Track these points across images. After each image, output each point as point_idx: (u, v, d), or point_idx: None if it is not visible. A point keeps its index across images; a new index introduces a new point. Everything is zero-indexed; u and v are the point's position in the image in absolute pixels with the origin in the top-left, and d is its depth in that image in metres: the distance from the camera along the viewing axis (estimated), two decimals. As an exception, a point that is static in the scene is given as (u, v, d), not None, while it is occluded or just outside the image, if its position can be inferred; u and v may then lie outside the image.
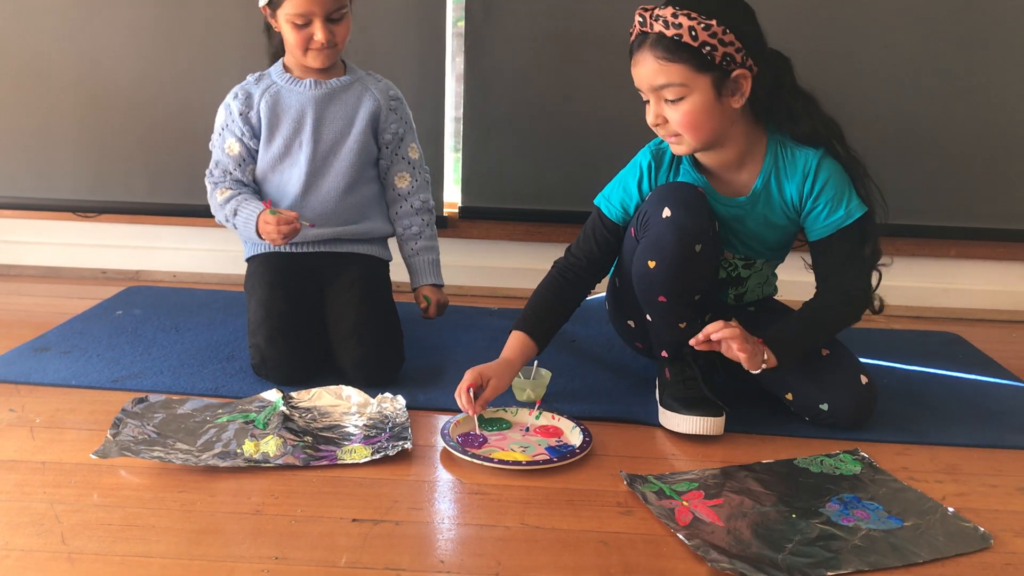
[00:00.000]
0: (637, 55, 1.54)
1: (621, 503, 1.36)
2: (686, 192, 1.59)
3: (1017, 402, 1.83)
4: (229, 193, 1.87)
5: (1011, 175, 2.39)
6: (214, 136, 1.93)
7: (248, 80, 1.92)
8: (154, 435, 1.48)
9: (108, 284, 2.48)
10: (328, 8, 1.78)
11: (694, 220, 1.55)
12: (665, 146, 1.65)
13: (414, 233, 1.97)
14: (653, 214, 1.58)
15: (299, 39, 1.80)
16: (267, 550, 1.19)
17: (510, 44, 2.36)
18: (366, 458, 1.45)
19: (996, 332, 2.38)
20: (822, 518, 1.31)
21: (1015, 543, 1.29)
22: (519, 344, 1.65)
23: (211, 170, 1.92)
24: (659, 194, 1.61)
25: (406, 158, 1.97)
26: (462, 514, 1.32)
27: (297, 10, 1.77)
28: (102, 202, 2.51)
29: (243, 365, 1.83)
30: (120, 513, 1.27)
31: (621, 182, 1.71)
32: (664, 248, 1.56)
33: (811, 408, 1.60)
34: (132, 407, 1.56)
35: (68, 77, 2.43)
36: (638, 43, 1.53)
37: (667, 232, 1.55)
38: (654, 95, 1.55)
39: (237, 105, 1.88)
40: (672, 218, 1.55)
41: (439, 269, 1.99)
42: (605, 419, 1.65)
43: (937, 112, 2.35)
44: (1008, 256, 2.47)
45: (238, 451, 1.44)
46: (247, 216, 1.81)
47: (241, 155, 1.90)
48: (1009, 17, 2.29)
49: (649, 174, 1.67)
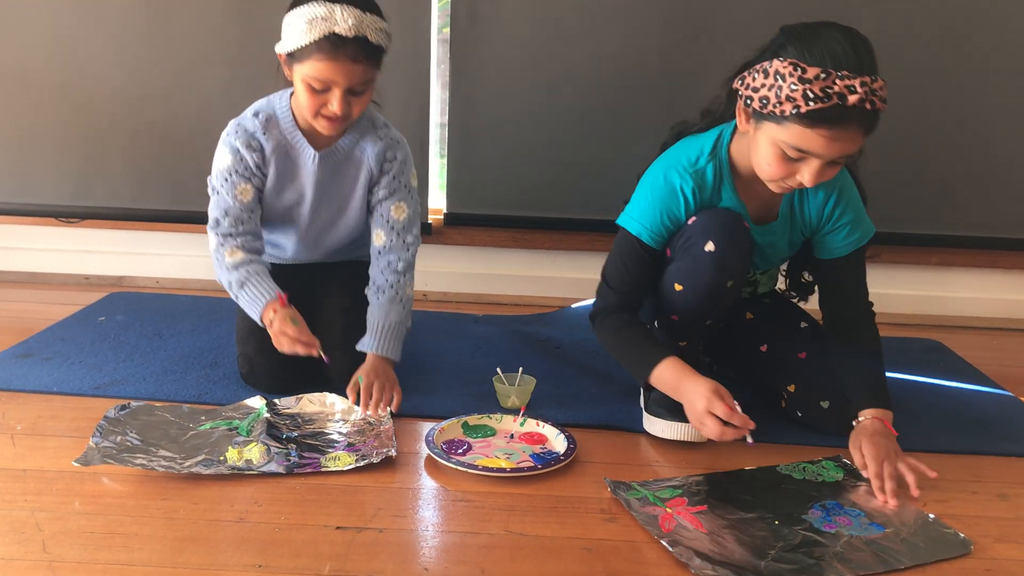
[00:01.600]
0: (842, 130, 1.34)
1: (605, 510, 1.36)
2: (733, 227, 1.53)
3: (998, 409, 1.85)
4: (241, 257, 1.69)
5: (992, 184, 2.42)
6: (215, 182, 1.71)
7: (252, 121, 1.70)
8: (137, 442, 1.47)
9: (91, 290, 2.47)
10: (354, 81, 1.57)
11: (737, 259, 1.54)
12: (703, 166, 1.56)
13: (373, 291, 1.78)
14: (695, 242, 1.53)
15: (312, 104, 1.60)
16: (250, 558, 1.19)
17: (495, 51, 2.37)
18: (350, 465, 1.45)
19: (977, 339, 2.40)
20: (805, 525, 1.32)
21: (995, 549, 1.30)
22: (674, 362, 1.54)
23: (217, 220, 1.70)
24: (705, 223, 1.54)
25: (386, 216, 1.76)
26: (446, 521, 1.32)
27: (319, 75, 1.56)
28: (85, 207, 2.50)
29: (227, 372, 1.83)
30: (102, 521, 1.26)
31: (660, 208, 1.58)
32: (698, 279, 1.54)
33: (811, 403, 1.61)
34: (114, 414, 1.56)
35: (52, 82, 2.41)
36: (846, 116, 1.33)
37: (707, 266, 1.52)
38: (827, 161, 1.39)
39: (245, 150, 1.68)
40: (715, 254, 1.51)
41: (400, 343, 1.75)
42: (589, 426, 1.66)
43: (919, 121, 2.36)
44: (989, 264, 2.49)
45: (221, 458, 1.44)
46: (255, 296, 1.66)
47: (254, 200, 1.72)
48: (990, 26, 2.31)
49: (694, 199, 1.56)
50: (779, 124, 1.37)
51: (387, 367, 1.70)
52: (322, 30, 1.51)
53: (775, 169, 1.42)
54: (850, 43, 1.33)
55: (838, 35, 1.34)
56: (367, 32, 1.53)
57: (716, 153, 1.57)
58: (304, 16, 1.53)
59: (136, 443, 1.47)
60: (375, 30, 1.55)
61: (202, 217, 2.50)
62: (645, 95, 2.36)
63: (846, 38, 1.34)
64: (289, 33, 1.56)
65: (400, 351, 1.73)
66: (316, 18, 1.51)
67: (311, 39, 1.52)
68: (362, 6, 1.55)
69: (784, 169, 1.42)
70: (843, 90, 1.30)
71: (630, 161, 2.35)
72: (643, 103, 2.36)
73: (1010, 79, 2.34)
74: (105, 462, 1.39)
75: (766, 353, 1.73)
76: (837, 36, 1.34)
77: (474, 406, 1.69)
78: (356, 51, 1.54)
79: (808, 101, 1.31)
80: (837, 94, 1.31)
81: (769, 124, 1.39)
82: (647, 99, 2.36)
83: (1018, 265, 2.50)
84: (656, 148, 1.73)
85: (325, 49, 1.53)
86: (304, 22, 1.52)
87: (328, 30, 1.51)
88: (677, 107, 1.79)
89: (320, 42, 1.52)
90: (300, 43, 1.54)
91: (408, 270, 1.77)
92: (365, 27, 1.53)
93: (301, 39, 1.53)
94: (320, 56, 1.54)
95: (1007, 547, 1.31)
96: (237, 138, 1.68)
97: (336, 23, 1.51)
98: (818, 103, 1.31)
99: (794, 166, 1.41)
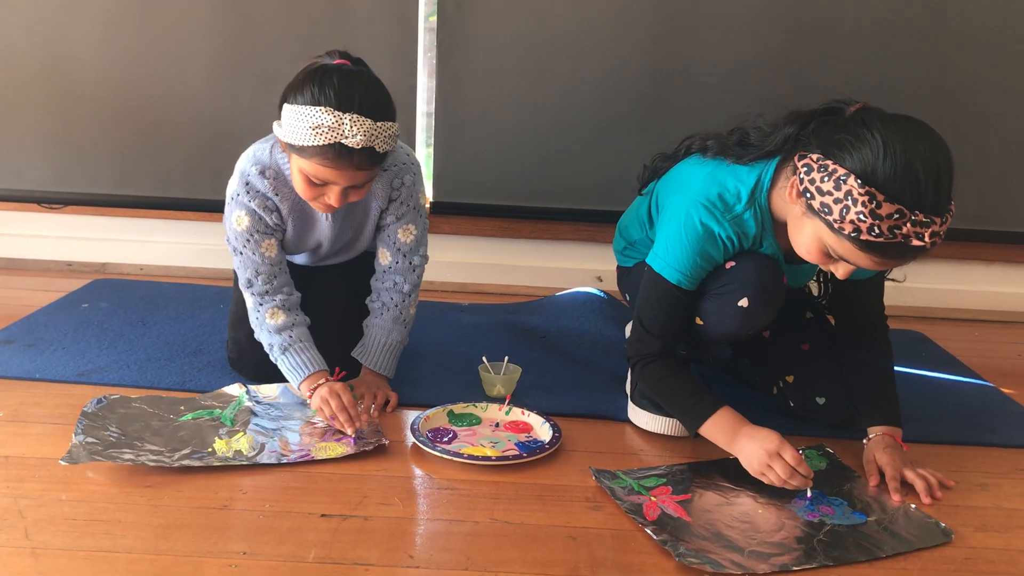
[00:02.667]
0: (893, 261, 1.30)
1: (590, 498, 1.37)
2: (770, 286, 1.49)
3: (978, 399, 1.86)
4: (283, 320, 1.60)
5: (973, 177, 2.42)
6: (236, 243, 1.61)
7: (262, 181, 1.58)
8: (119, 436, 1.45)
9: (74, 276, 2.45)
10: (355, 182, 1.48)
11: (766, 317, 1.51)
12: (741, 214, 1.46)
13: (376, 308, 1.73)
14: (731, 293, 1.48)
15: (309, 193, 1.50)
16: (235, 545, 1.19)
17: (482, 40, 2.36)
18: (342, 454, 1.44)
19: (959, 330, 2.42)
20: (788, 513, 1.33)
21: (975, 537, 1.31)
22: (729, 412, 1.48)
23: (249, 280, 1.61)
24: (744, 278, 1.48)
25: (393, 238, 1.69)
26: (431, 509, 1.32)
27: (319, 176, 1.46)
28: (68, 193, 2.48)
29: (211, 359, 1.82)
30: (85, 508, 1.26)
31: (699, 254, 1.48)
32: (723, 325, 1.51)
33: (806, 397, 1.62)
34: (92, 408, 1.52)
35: (35, 66, 2.39)
36: (905, 255, 1.28)
37: (736, 319, 1.49)
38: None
39: (263, 212, 1.59)
40: (748, 311, 1.48)
41: (396, 361, 1.73)
42: (575, 414, 1.66)
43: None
44: (972, 256, 2.51)
45: (209, 450, 1.43)
46: (298, 364, 1.58)
47: (280, 251, 1.64)
48: (969, 21, 2.32)
49: (732, 247, 1.49)
50: (833, 233, 1.29)
51: (382, 381, 1.70)
52: (328, 139, 1.40)
53: (814, 258, 1.36)
54: (935, 173, 1.24)
55: (924, 157, 1.24)
56: (376, 143, 1.43)
57: (755, 199, 1.46)
58: (309, 120, 1.40)
59: (119, 437, 1.44)
60: (384, 138, 1.44)
61: (186, 204, 2.50)
62: (631, 85, 2.36)
63: (932, 166, 1.24)
64: (291, 128, 1.43)
65: (396, 368, 1.72)
66: (323, 126, 1.39)
67: (315, 143, 1.41)
68: (373, 113, 1.42)
69: (823, 261, 1.36)
70: (911, 234, 1.23)
71: (616, 151, 2.37)
72: (629, 93, 2.36)
73: (997, 75, 2.35)
74: (93, 459, 1.36)
75: (768, 340, 1.70)
76: (923, 159, 1.24)
77: (460, 395, 1.69)
78: (362, 160, 1.44)
79: (872, 234, 1.24)
80: (903, 235, 1.23)
81: (821, 224, 1.31)
82: (633, 89, 2.36)
83: (1001, 257, 2.51)
84: (643, 139, 1.71)
85: (330, 156, 1.42)
86: (309, 127, 1.40)
87: (335, 140, 1.40)
88: (663, 98, 1.79)
89: (325, 149, 1.41)
90: (303, 143, 1.42)
91: (413, 291, 1.73)
92: (374, 138, 1.42)
93: (304, 140, 1.42)
94: (323, 161, 1.43)
95: (987, 536, 1.32)
96: (252, 200, 1.58)
97: (344, 135, 1.40)
98: (880, 238, 1.24)
99: (835, 263, 1.35)
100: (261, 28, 2.35)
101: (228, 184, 1.64)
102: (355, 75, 1.45)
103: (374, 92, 1.46)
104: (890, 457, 1.46)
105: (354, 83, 1.43)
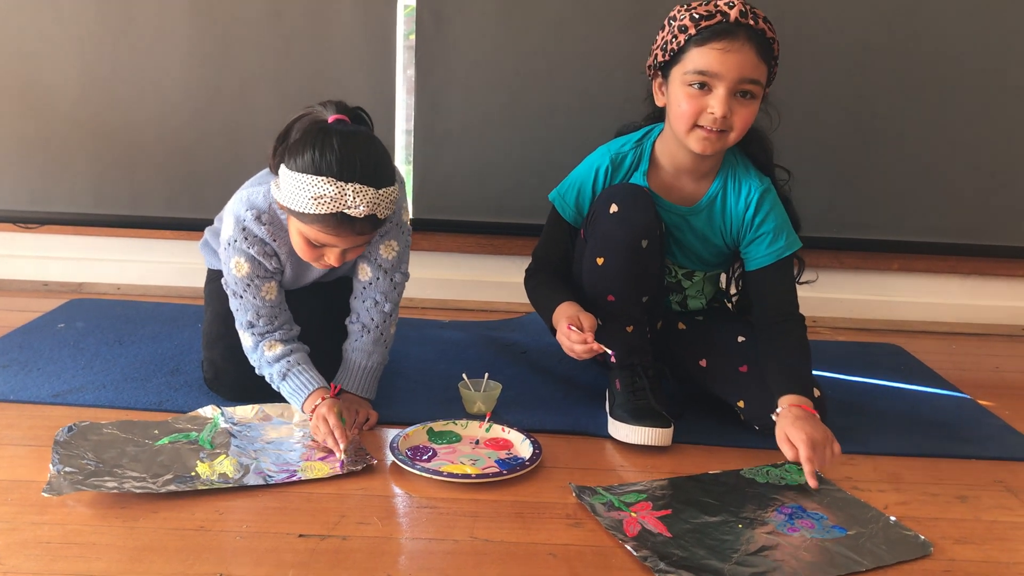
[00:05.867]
0: (731, 41, 1.51)
1: (570, 515, 1.36)
2: (633, 190, 1.64)
3: (956, 412, 1.87)
4: (280, 349, 1.59)
5: (951, 191, 2.45)
6: (235, 287, 1.60)
7: (258, 227, 1.56)
8: (96, 464, 1.41)
9: (50, 296, 2.43)
10: (356, 245, 1.51)
11: (641, 215, 1.61)
12: (626, 151, 1.71)
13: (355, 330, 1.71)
14: (601, 212, 1.63)
15: (308, 253, 1.51)
16: (211, 567, 1.17)
17: (461, 56, 2.37)
18: (327, 474, 1.43)
19: (936, 344, 2.44)
20: (768, 528, 1.33)
21: (954, 550, 1.32)
22: (568, 304, 1.64)
23: (251, 323, 1.60)
24: (606, 193, 1.66)
25: (374, 255, 1.66)
26: (411, 528, 1.31)
27: (318, 240, 1.47)
28: (44, 213, 2.46)
29: (188, 379, 1.80)
30: (60, 531, 1.24)
31: (577, 183, 1.75)
32: (611, 243, 1.61)
33: (763, 416, 1.62)
34: (63, 437, 1.48)
35: (10, 85, 2.37)
36: (733, 30, 1.51)
37: (615, 228, 1.60)
38: (732, 87, 1.53)
39: (262, 257, 1.58)
40: (619, 213, 1.60)
41: (377, 382, 1.73)
42: (555, 431, 1.66)
43: (880, 128, 2.40)
44: (948, 269, 2.53)
45: (192, 474, 1.40)
46: (300, 385, 1.58)
47: (280, 292, 1.64)
48: (947, 35, 2.35)
49: (605, 178, 1.71)
50: (681, 62, 1.55)
51: (363, 403, 1.69)
52: (330, 209, 1.40)
53: (689, 105, 1.54)
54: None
55: None
56: (378, 211, 1.43)
57: (641, 144, 1.72)
58: (311, 190, 1.39)
59: (96, 465, 1.40)
60: (387, 204, 1.45)
61: (163, 223, 2.49)
62: (612, 101, 2.36)
63: None
64: (291, 194, 1.42)
65: (376, 389, 1.71)
66: (325, 197, 1.39)
67: (317, 212, 1.41)
68: (375, 181, 1.42)
69: (696, 103, 1.54)
70: (724, 8, 1.51)
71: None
72: (610, 109, 2.36)
73: (972, 87, 2.38)
74: (77, 488, 1.32)
75: (706, 368, 1.74)
76: None
77: (439, 412, 1.68)
78: (364, 227, 1.45)
79: (696, 24, 1.52)
80: (720, 12, 1.51)
81: (675, 70, 1.57)
82: (614, 105, 2.36)
83: (976, 271, 2.54)
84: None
85: (331, 224, 1.43)
86: (310, 197, 1.39)
87: (337, 210, 1.40)
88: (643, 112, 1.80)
89: (327, 218, 1.41)
90: (303, 210, 1.42)
91: (394, 311, 1.71)
92: (377, 206, 1.42)
93: (305, 208, 1.41)
94: (324, 228, 1.44)
95: (966, 548, 1.33)
96: (251, 246, 1.57)
97: (347, 206, 1.40)
98: (704, 21, 1.51)
99: (704, 100, 1.54)
100: (238, 47, 2.35)
101: (221, 225, 1.63)
102: (355, 138, 1.44)
103: (375, 156, 1.45)
104: (799, 432, 1.45)
105: (355, 148, 1.42)
